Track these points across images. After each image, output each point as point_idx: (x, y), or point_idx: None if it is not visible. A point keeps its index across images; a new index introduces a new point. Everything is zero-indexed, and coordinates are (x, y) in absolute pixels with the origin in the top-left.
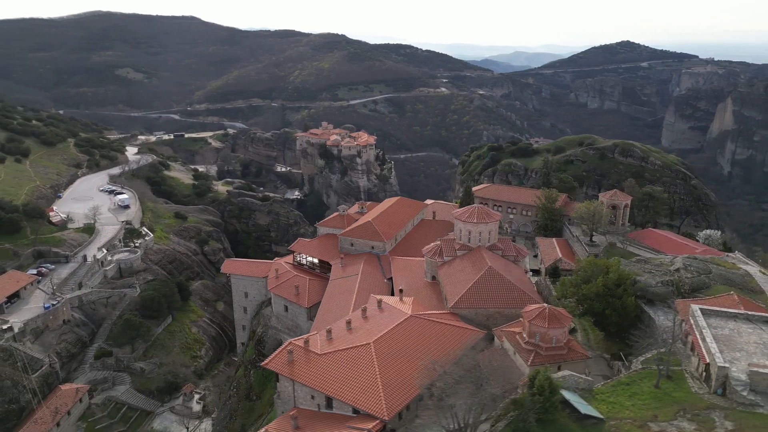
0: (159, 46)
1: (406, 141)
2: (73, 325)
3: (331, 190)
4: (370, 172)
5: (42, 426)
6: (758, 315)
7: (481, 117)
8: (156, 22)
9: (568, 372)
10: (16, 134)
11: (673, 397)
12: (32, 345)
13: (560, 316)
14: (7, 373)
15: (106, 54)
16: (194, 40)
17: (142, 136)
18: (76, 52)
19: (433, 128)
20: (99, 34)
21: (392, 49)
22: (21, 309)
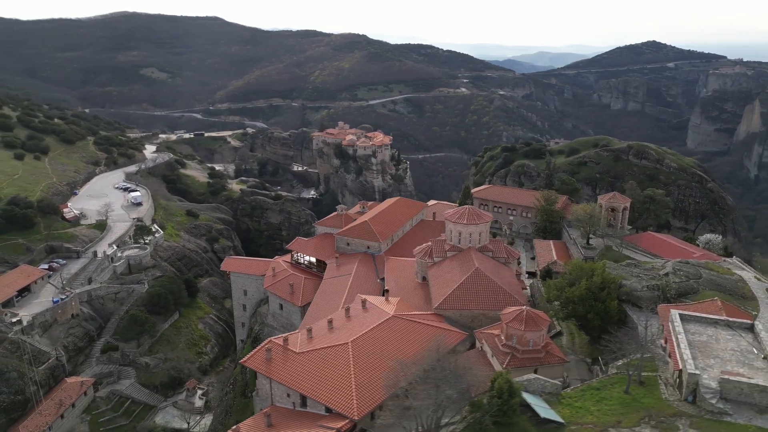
0: (183, 47)
1: (425, 141)
2: (81, 319)
3: (346, 190)
4: (385, 172)
5: (46, 417)
6: (739, 322)
7: (501, 117)
8: (180, 23)
9: (534, 375)
10: (36, 132)
11: (642, 404)
12: (40, 338)
13: (538, 319)
14: (13, 365)
15: (132, 54)
16: (217, 40)
17: (163, 134)
18: (103, 52)
19: (452, 129)
20: (125, 35)
21: (413, 49)
22: (31, 303)
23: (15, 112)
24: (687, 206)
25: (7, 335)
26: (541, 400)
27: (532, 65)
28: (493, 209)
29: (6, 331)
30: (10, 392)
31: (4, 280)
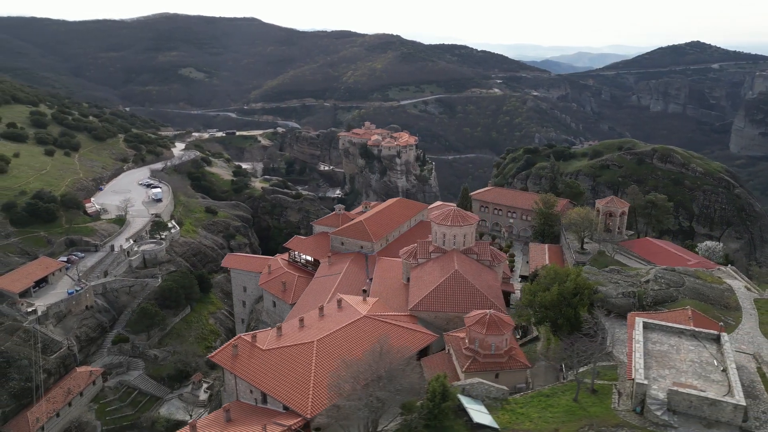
0: (221, 47)
1: (455, 142)
2: (95, 311)
3: (371, 190)
4: (409, 172)
5: (54, 405)
6: (705, 332)
7: (534, 119)
8: (219, 24)
9: (477, 380)
10: (69, 129)
11: (587, 412)
12: (54, 328)
13: (501, 323)
14: (24, 353)
15: (171, 54)
16: (253, 40)
17: (197, 132)
18: (144, 52)
19: (483, 130)
20: (166, 35)
21: (446, 50)
22: (48, 293)
23: (51, 109)
24: (712, 212)
25: (22, 324)
26: (481, 405)
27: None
28: (493, 212)
29: (21, 320)
30: (21, 379)
31: (23, 271)
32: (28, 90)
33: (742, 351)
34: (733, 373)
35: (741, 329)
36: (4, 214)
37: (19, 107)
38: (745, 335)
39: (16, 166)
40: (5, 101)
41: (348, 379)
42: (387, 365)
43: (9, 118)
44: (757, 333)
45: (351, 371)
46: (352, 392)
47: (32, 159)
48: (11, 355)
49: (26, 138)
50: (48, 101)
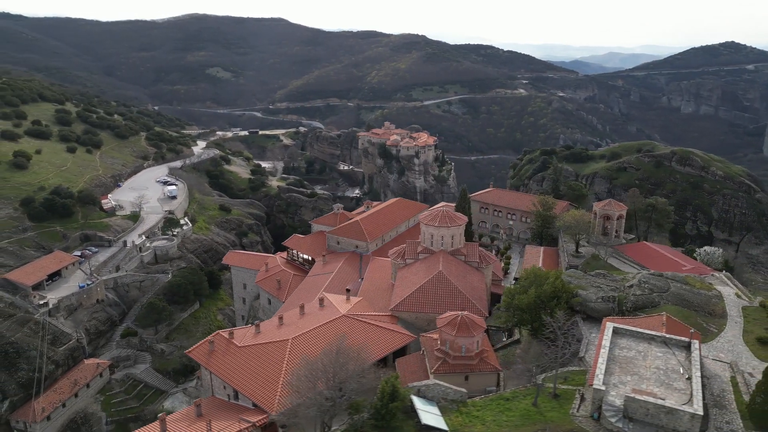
0: (248, 47)
1: (478, 143)
2: (105, 304)
3: (389, 190)
4: (427, 173)
5: (60, 395)
6: (676, 339)
7: (559, 120)
8: (246, 24)
9: (434, 381)
10: (93, 127)
11: (543, 417)
12: (65, 320)
13: (472, 325)
14: (34, 344)
15: (200, 54)
16: (280, 40)
17: (221, 131)
18: (174, 52)
19: (507, 130)
20: (195, 36)
21: (472, 50)
22: (60, 287)
23: (77, 108)
24: (732, 217)
25: (33, 316)
26: (435, 407)
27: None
28: (493, 213)
29: (33, 312)
30: (30, 369)
31: (37, 265)
32: (55, 89)
33: (718, 359)
34: (696, 382)
35: (722, 337)
36: (23, 209)
37: (45, 105)
38: (726, 343)
39: (37, 162)
40: (32, 99)
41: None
42: (339, 366)
43: (35, 115)
44: (738, 341)
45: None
46: (305, 391)
47: (54, 156)
48: (21, 345)
49: (50, 135)
50: (74, 100)
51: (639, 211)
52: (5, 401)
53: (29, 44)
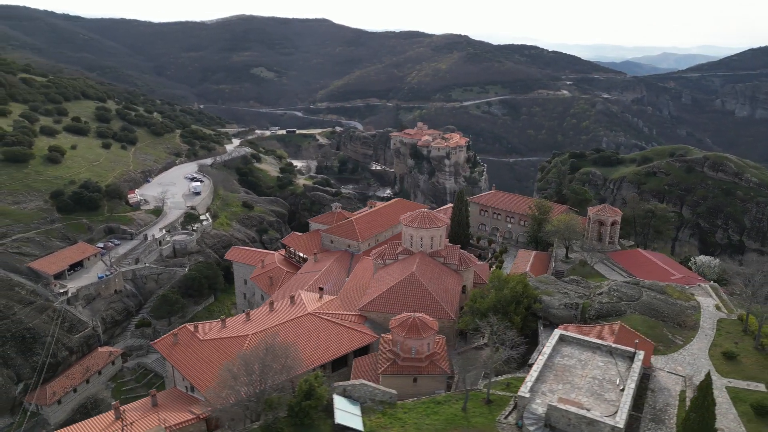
0: (292, 47)
1: (518, 144)
2: (123, 295)
3: (419, 191)
4: (458, 174)
5: (72, 381)
6: (622, 349)
7: (603, 122)
8: (291, 25)
9: (361, 381)
10: (130, 124)
11: (467, 423)
12: (83, 309)
13: (423, 327)
14: (50, 330)
15: (245, 54)
16: (323, 41)
17: (259, 130)
18: (221, 52)
19: (548, 132)
20: (241, 36)
21: (515, 50)
22: (81, 277)
23: (118, 105)
24: (765, 226)
25: (53, 304)
26: (357, 407)
27: (654, 67)
28: (492, 216)
29: (53, 300)
30: (45, 354)
31: (60, 255)
32: (98, 87)
33: (674, 372)
34: (627, 394)
35: (686, 349)
36: (52, 201)
37: (87, 103)
38: (689, 356)
39: (71, 157)
40: (75, 97)
41: (227, 374)
42: (263, 363)
43: (76, 112)
44: (702, 355)
45: (232, 367)
46: (229, 387)
47: (88, 151)
48: (37, 332)
49: (87, 131)
50: (117, 98)
51: (638, 217)
52: (20, 384)
53: (85, 44)
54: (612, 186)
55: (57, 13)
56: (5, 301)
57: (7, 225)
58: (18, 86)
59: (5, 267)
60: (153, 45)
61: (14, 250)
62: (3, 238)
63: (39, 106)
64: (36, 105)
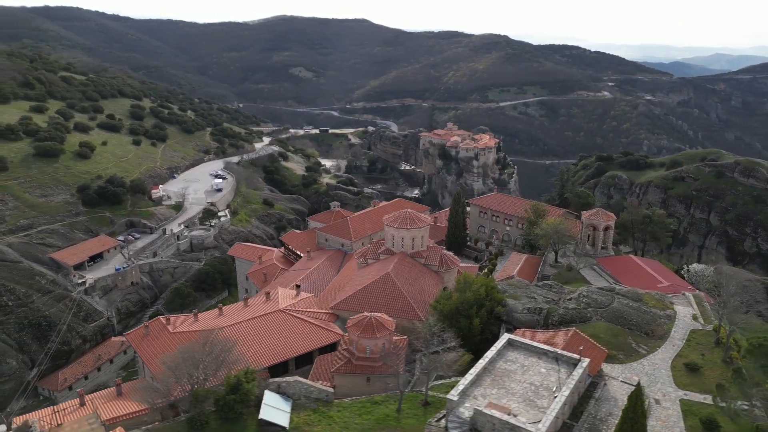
0: (330, 47)
1: (555, 146)
2: (139, 287)
3: (446, 191)
4: (486, 175)
5: (83, 368)
6: (567, 356)
7: (645, 125)
8: (331, 25)
9: (296, 378)
10: (162, 122)
11: (397, 424)
12: (99, 299)
13: (379, 327)
14: (65, 318)
15: (284, 54)
16: (362, 41)
17: (293, 129)
18: (261, 52)
19: (587, 134)
20: (282, 37)
21: (556, 50)
22: (100, 268)
23: (153, 104)
24: None
25: (71, 293)
26: (287, 404)
27: (704, 68)
28: (491, 218)
29: (71, 290)
30: (59, 342)
31: (81, 247)
32: (135, 85)
33: (627, 382)
34: (558, 401)
35: (648, 359)
36: (78, 195)
37: (123, 101)
38: (649, 366)
39: (100, 153)
40: (112, 95)
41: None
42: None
43: (111, 110)
44: (664, 365)
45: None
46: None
47: (118, 147)
48: (53, 320)
49: (120, 128)
50: (152, 96)
51: (636, 222)
52: (34, 369)
53: (133, 44)
54: (638, 190)
55: (108, 14)
56: (25, 290)
57: (34, 217)
58: (57, 84)
59: (28, 257)
60: (197, 45)
61: (38, 241)
62: (29, 230)
63: (76, 104)
64: (73, 102)
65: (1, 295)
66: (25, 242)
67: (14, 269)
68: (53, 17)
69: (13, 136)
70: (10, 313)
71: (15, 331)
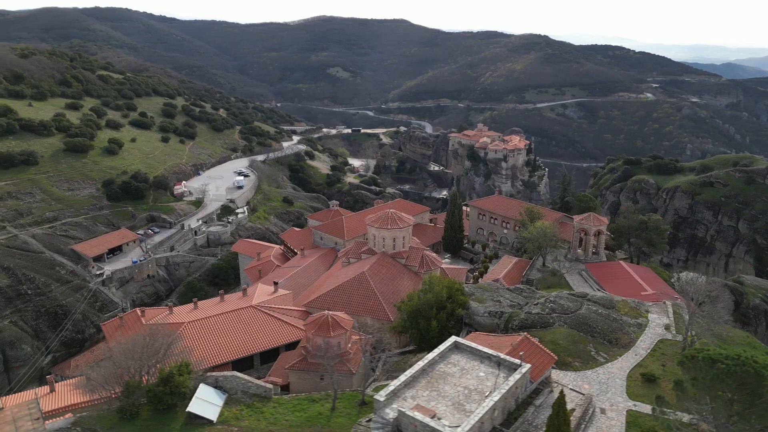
0: (368, 47)
1: (593, 149)
2: (155, 280)
3: (474, 193)
4: (515, 177)
5: (96, 356)
6: (509, 361)
7: (688, 128)
8: (369, 26)
9: (232, 373)
10: (193, 120)
11: (326, 422)
12: (116, 291)
13: (334, 325)
14: (81, 308)
15: (322, 54)
16: (400, 41)
17: (325, 128)
18: (300, 52)
19: (627, 137)
20: (320, 37)
21: (599, 51)
22: (119, 260)
23: (186, 102)
24: None
25: (88, 284)
26: (221, 398)
27: (759, 70)
28: (489, 220)
29: (89, 280)
30: (74, 330)
31: (102, 239)
32: (170, 84)
33: (577, 390)
34: (485, 406)
35: (606, 368)
36: (103, 190)
37: (156, 99)
38: (604, 375)
39: (128, 149)
40: (146, 93)
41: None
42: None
43: (145, 108)
44: (621, 375)
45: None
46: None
47: (147, 144)
48: (69, 309)
49: (150, 126)
50: (186, 94)
51: (631, 228)
52: (48, 356)
53: (177, 44)
54: (665, 196)
55: (155, 15)
56: (44, 279)
57: (60, 209)
58: (94, 82)
59: (51, 248)
60: (238, 45)
61: (62, 233)
62: (53, 222)
63: (111, 101)
64: (108, 100)
65: (21, 284)
66: (48, 234)
67: (36, 259)
68: (103, 18)
69: (45, 132)
70: (29, 301)
71: (32, 318)
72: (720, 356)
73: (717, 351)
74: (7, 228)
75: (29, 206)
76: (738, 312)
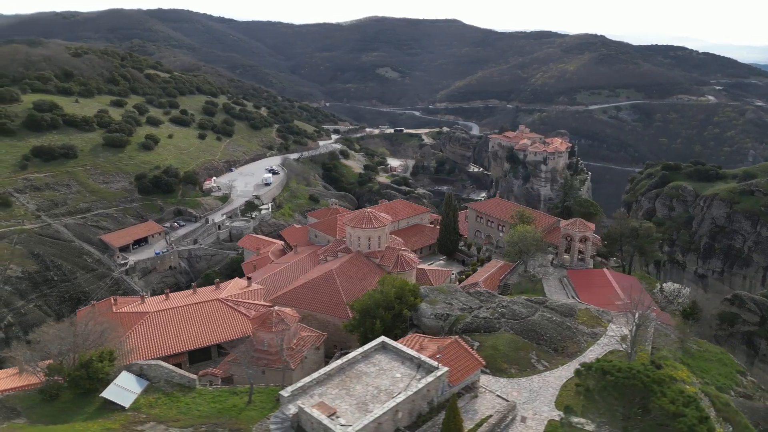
0: (419, 48)
1: (647, 153)
2: (177, 271)
3: (512, 195)
4: (555, 180)
5: None
6: (428, 363)
7: (752, 133)
8: (421, 26)
9: (157, 362)
10: (232, 117)
11: (236, 414)
12: (138, 280)
13: (277, 321)
14: (101, 294)
15: (373, 54)
16: (450, 41)
17: (369, 128)
18: (351, 52)
19: (684, 141)
20: (372, 37)
21: (659, 51)
22: (143, 251)
23: (228, 100)
24: None
25: (112, 273)
26: (140, 386)
27: None
28: (486, 223)
29: (113, 269)
30: None
31: (129, 231)
32: (214, 83)
33: (502, 396)
34: (384, 407)
35: (543, 376)
36: (135, 183)
37: (199, 97)
38: (539, 383)
39: (164, 145)
40: (190, 92)
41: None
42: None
43: (187, 105)
44: (555, 384)
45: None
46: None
47: (183, 141)
48: (91, 295)
49: (189, 123)
50: (229, 93)
51: (623, 236)
52: None
53: (234, 44)
54: (702, 204)
55: (214, 16)
56: (71, 267)
57: (93, 201)
58: (140, 81)
59: (81, 237)
60: (292, 45)
61: (93, 224)
62: (86, 212)
63: (154, 99)
64: (152, 98)
65: (49, 270)
66: (80, 224)
67: (65, 247)
68: (165, 19)
69: (87, 127)
70: (54, 286)
71: (56, 303)
72: (612, 368)
73: (612, 363)
74: (42, 217)
75: (65, 197)
76: (763, 328)
